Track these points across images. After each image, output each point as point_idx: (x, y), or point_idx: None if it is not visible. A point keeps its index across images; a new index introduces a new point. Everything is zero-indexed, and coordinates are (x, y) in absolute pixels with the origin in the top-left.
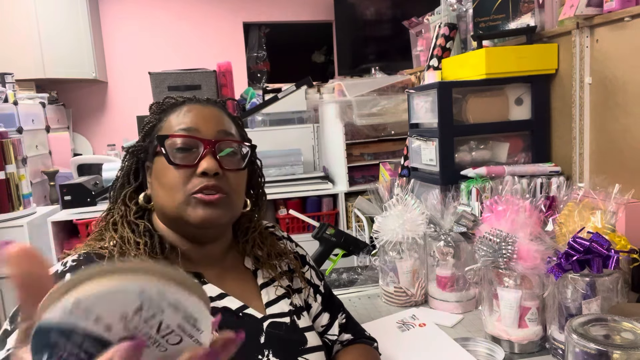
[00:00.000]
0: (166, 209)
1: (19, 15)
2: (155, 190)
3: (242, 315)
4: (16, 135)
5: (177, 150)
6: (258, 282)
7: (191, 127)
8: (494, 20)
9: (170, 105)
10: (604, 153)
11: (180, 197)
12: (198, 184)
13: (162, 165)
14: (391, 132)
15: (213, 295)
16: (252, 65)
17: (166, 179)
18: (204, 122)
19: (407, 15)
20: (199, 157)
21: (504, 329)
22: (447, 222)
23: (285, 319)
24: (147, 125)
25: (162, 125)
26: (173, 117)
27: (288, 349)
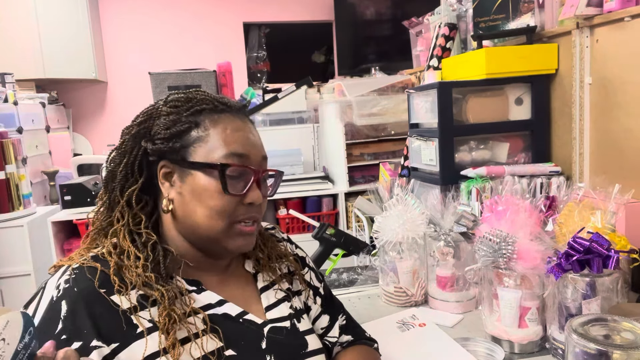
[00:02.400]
0: (202, 229)
1: (19, 15)
2: (190, 205)
3: (243, 321)
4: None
5: (230, 178)
6: (258, 285)
7: (244, 154)
8: (494, 20)
9: (209, 110)
10: (604, 153)
11: (223, 224)
12: (243, 213)
13: (206, 184)
14: (391, 132)
15: (212, 302)
16: (252, 65)
17: (213, 202)
18: (252, 147)
19: (407, 15)
20: (248, 186)
21: (504, 329)
22: (447, 222)
23: (285, 323)
24: (175, 125)
25: (202, 135)
26: (218, 131)
27: (289, 354)
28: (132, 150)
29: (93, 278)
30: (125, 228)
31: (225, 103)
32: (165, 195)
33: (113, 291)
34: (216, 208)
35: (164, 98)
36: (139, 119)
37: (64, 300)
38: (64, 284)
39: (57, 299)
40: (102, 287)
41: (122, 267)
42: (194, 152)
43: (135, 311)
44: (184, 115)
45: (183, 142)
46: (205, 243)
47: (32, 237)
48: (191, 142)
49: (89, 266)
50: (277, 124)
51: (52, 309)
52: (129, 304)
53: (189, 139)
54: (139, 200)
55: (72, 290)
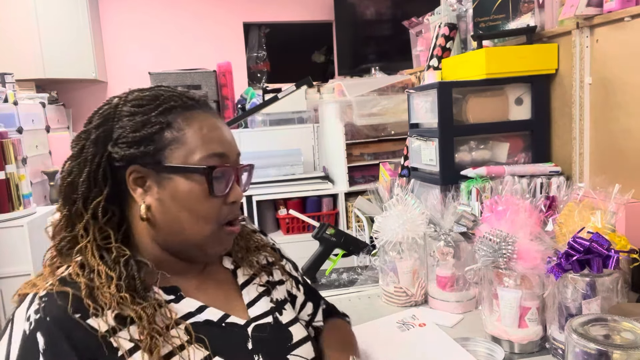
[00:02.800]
0: (187, 235)
1: (19, 15)
2: (172, 211)
3: (225, 325)
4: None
5: (214, 178)
6: (238, 281)
7: (224, 153)
8: (494, 20)
9: (179, 107)
10: (604, 153)
11: (212, 228)
12: (228, 214)
13: (190, 188)
14: (391, 132)
15: (192, 310)
16: (252, 65)
17: (198, 206)
18: (230, 145)
19: (407, 15)
20: (230, 185)
21: (504, 329)
22: (447, 222)
23: (268, 319)
24: (147, 127)
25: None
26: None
27: (276, 349)
28: (93, 157)
29: (64, 304)
30: (92, 244)
31: (193, 98)
32: (140, 202)
33: (88, 314)
34: (203, 212)
35: (122, 96)
36: (95, 122)
37: (38, 332)
38: (34, 315)
39: (30, 332)
40: (76, 312)
41: (93, 287)
42: (171, 155)
43: (114, 333)
44: (152, 115)
45: (156, 145)
46: (186, 248)
47: (32, 237)
48: (166, 145)
49: (59, 291)
50: (277, 124)
51: (27, 344)
52: (107, 326)
53: (163, 141)
54: (105, 211)
55: (45, 321)
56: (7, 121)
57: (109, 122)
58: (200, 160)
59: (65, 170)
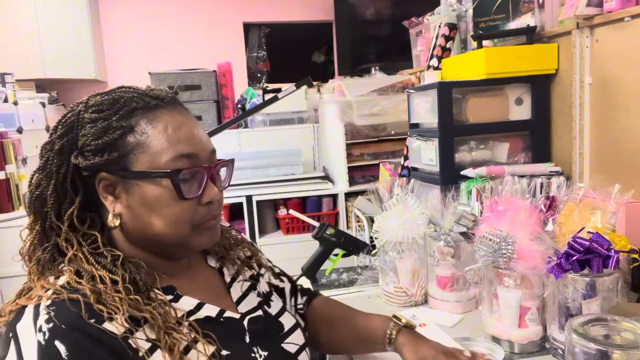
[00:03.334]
0: (163, 239)
1: (19, 15)
2: (143, 217)
3: (224, 320)
4: (16, 135)
5: (183, 182)
6: (226, 279)
7: (192, 153)
8: (494, 20)
9: (140, 108)
10: (604, 153)
11: (187, 229)
12: (205, 214)
13: (158, 193)
14: (391, 132)
15: (191, 307)
16: (252, 65)
17: (169, 211)
18: (199, 144)
19: (407, 15)
20: (203, 186)
21: (504, 329)
22: (447, 222)
23: (258, 312)
24: (109, 133)
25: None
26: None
27: (271, 340)
28: (59, 168)
29: (77, 310)
30: (82, 252)
31: (156, 96)
32: (111, 209)
33: (103, 319)
34: (174, 216)
35: (84, 101)
36: (59, 131)
37: (57, 340)
38: (46, 325)
39: (47, 341)
40: (91, 318)
41: (100, 293)
42: (136, 160)
43: (132, 334)
44: (114, 120)
45: (120, 151)
46: (168, 248)
47: None
48: (130, 150)
49: (69, 299)
50: (277, 124)
51: (47, 354)
52: (123, 328)
53: (127, 146)
54: (83, 220)
55: (61, 328)
56: (7, 121)
57: (73, 131)
58: (166, 164)
59: (32, 183)
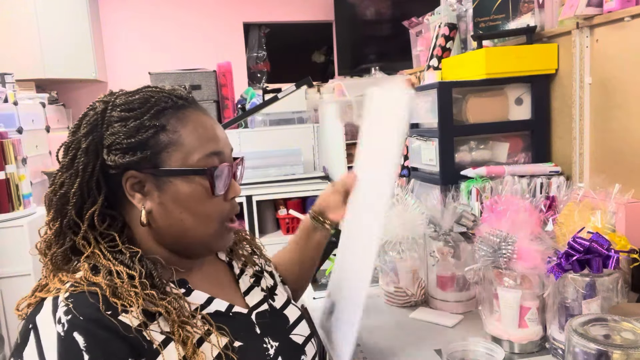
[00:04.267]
0: (192, 235)
1: (19, 15)
2: (175, 213)
3: (233, 314)
4: (16, 135)
5: (215, 178)
6: (235, 272)
7: (221, 151)
8: (494, 20)
9: (170, 107)
10: (604, 153)
11: (216, 226)
12: (230, 210)
13: (191, 190)
14: None
15: (202, 302)
16: (252, 65)
17: (202, 207)
18: (224, 141)
19: (407, 15)
20: (229, 183)
21: (504, 329)
22: (447, 222)
23: (264, 307)
24: (142, 132)
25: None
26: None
27: (279, 332)
28: (86, 167)
29: (96, 302)
30: (100, 249)
31: (182, 97)
32: (140, 207)
33: (118, 312)
34: (206, 212)
35: (109, 100)
36: (83, 130)
37: (75, 332)
38: (64, 316)
39: (65, 333)
40: (107, 310)
41: (116, 287)
42: (169, 158)
43: (146, 327)
44: (145, 119)
45: (153, 150)
46: (191, 247)
47: (32, 237)
48: (163, 148)
49: (83, 292)
50: (277, 124)
51: (66, 345)
52: (138, 320)
53: (160, 144)
54: (103, 219)
55: (79, 320)
56: (7, 121)
57: (98, 129)
58: (199, 161)
59: (56, 182)
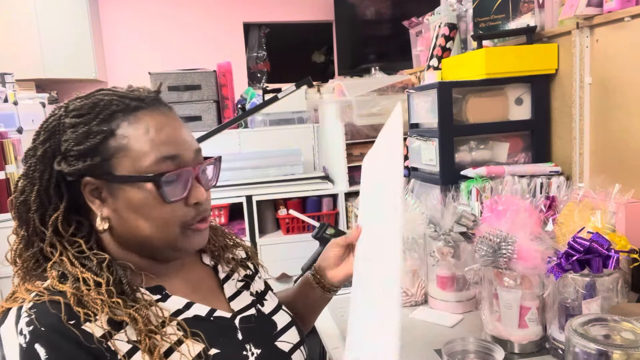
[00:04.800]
0: (153, 242)
1: (19, 15)
2: (130, 221)
3: (214, 319)
4: (16, 135)
5: (167, 184)
6: (220, 276)
7: (176, 155)
8: (494, 20)
9: (120, 111)
10: (604, 153)
11: (176, 231)
12: (193, 215)
13: (143, 197)
14: None
15: (180, 307)
16: (252, 65)
17: (156, 214)
18: (183, 143)
19: (407, 15)
20: (189, 187)
21: (504, 329)
22: (447, 222)
23: (251, 311)
24: (90, 138)
25: (123, 143)
26: (139, 133)
27: (264, 337)
28: (42, 174)
29: (57, 312)
30: (67, 256)
31: (137, 97)
32: (99, 213)
33: (81, 322)
34: (163, 219)
35: (65, 105)
36: (41, 137)
37: (36, 344)
38: (26, 327)
39: (27, 344)
40: (70, 320)
41: (81, 295)
42: (119, 165)
43: (110, 336)
44: (94, 125)
45: (102, 156)
46: (158, 252)
47: None
48: (112, 154)
49: (50, 300)
50: (277, 124)
51: (27, 357)
52: (102, 330)
53: (109, 150)
54: (68, 225)
55: (40, 330)
56: (7, 121)
57: (55, 136)
58: (149, 167)
59: (18, 188)
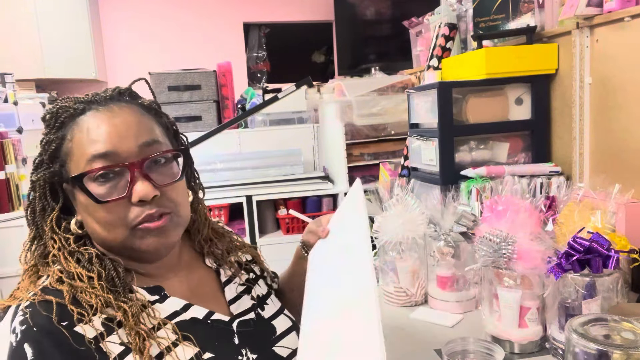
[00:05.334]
0: (108, 242)
1: (19, 15)
2: (89, 223)
3: (211, 322)
4: (16, 135)
5: (100, 184)
6: (221, 279)
7: (108, 152)
8: (494, 20)
9: (69, 116)
10: (604, 153)
11: (123, 232)
12: (139, 214)
13: (83, 198)
14: (391, 132)
15: (178, 308)
16: (252, 65)
17: (98, 215)
18: (120, 139)
19: (407, 15)
20: (129, 183)
21: (504, 329)
22: (447, 222)
23: (250, 315)
24: (48, 146)
25: (70, 147)
26: (80, 135)
27: (262, 342)
28: (38, 181)
29: (49, 313)
30: (62, 251)
31: (87, 100)
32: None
33: (74, 322)
34: (104, 220)
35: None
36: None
37: (25, 344)
38: (19, 326)
39: (17, 343)
40: (62, 321)
41: (76, 292)
42: (69, 168)
43: (102, 338)
44: (52, 133)
45: (60, 162)
46: (121, 252)
47: None
48: (65, 159)
49: (41, 301)
50: (277, 124)
51: (15, 356)
52: (94, 331)
53: (63, 156)
54: (60, 223)
55: (32, 331)
56: (7, 121)
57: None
58: (84, 167)
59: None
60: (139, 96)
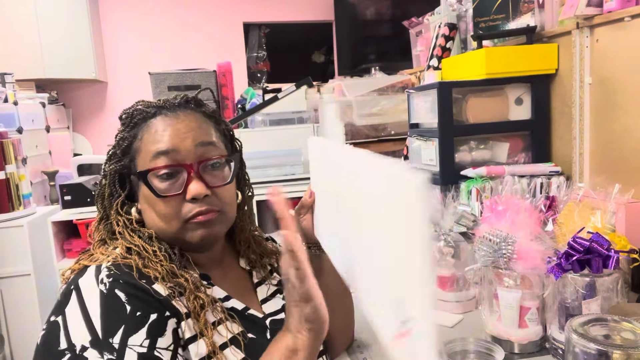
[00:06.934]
0: (164, 233)
1: (19, 15)
2: (148, 213)
3: (248, 315)
4: (16, 135)
5: (161, 181)
6: (254, 280)
7: (169, 150)
8: (494, 20)
9: (142, 118)
10: (604, 153)
11: (177, 224)
12: (191, 210)
13: (147, 192)
14: (391, 132)
15: (221, 296)
16: (252, 65)
17: (158, 208)
18: (181, 141)
19: (407, 15)
20: (185, 182)
21: (504, 329)
22: (447, 222)
23: (281, 315)
24: (122, 142)
25: (139, 145)
26: (147, 136)
27: None
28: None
29: (131, 271)
30: (127, 229)
31: (158, 105)
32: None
33: (152, 280)
34: (162, 212)
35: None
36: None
37: (116, 289)
38: (107, 278)
39: (108, 291)
40: (141, 279)
41: (144, 261)
42: (137, 164)
43: (172, 298)
44: (126, 131)
45: (130, 157)
46: (175, 243)
47: (32, 237)
48: (134, 155)
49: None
50: (277, 124)
51: (109, 301)
52: (167, 290)
53: (133, 152)
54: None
55: (119, 282)
56: (7, 121)
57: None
58: (149, 163)
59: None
60: (203, 104)
